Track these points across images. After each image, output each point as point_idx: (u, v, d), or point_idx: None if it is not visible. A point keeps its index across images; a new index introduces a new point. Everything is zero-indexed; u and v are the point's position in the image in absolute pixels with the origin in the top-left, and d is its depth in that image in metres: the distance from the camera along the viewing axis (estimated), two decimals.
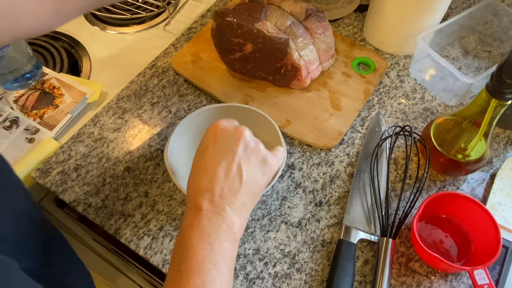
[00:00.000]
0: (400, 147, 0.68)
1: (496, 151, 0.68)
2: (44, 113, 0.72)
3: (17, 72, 0.72)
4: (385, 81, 0.75)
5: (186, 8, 0.88)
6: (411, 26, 0.73)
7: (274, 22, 0.67)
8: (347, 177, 0.65)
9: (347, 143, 0.68)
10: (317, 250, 0.59)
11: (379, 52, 0.79)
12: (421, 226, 0.60)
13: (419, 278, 0.57)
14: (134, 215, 0.62)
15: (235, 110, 0.63)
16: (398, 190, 0.64)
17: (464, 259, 0.57)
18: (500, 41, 0.78)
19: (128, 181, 0.65)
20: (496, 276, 0.57)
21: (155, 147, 0.68)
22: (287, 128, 0.68)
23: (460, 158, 0.61)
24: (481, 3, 0.75)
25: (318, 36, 0.69)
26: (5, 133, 0.70)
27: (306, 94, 0.72)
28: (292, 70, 0.68)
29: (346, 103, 0.71)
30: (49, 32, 0.79)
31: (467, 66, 0.77)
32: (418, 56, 0.74)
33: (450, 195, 0.58)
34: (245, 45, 0.68)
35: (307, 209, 0.62)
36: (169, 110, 0.72)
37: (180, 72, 0.75)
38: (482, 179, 0.65)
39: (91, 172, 0.66)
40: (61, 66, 0.79)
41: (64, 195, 0.64)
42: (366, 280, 0.57)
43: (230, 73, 0.75)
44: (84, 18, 0.87)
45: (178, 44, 0.81)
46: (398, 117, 0.71)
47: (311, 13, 0.70)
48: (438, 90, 0.74)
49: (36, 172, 0.66)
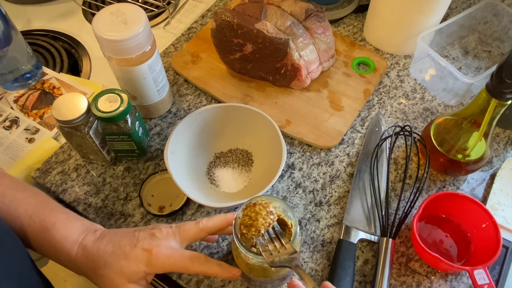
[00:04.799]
0: (400, 147, 0.68)
1: (496, 151, 0.68)
2: (44, 113, 0.72)
3: (17, 72, 0.72)
4: (385, 81, 0.75)
5: (186, 8, 0.88)
6: (411, 26, 0.73)
7: (274, 22, 0.67)
8: (347, 177, 0.65)
9: (347, 143, 0.68)
10: (317, 250, 0.59)
11: (379, 52, 0.79)
12: (421, 226, 0.60)
13: (419, 278, 0.57)
14: (134, 215, 0.62)
15: (235, 110, 0.63)
16: (398, 190, 0.64)
17: (464, 259, 0.57)
18: (500, 41, 0.78)
19: (128, 181, 0.65)
20: (496, 276, 0.57)
21: (155, 147, 0.68)
22: (287, 128, 0.68)
23: (460, 158, 0.61)
24: (481, 3, 0.75)
25: (318, 36, 0.69)
26: (5, 133, 0.70)
27: (306, 94, 0.72)
28: (292, 70, 0.68)
29: (346, 103, 0.71)
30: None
31: (467, 66, 0.77)
32: (418, 56, 0.74)
33: (450, 195, 0.58)
34: (245, 45, 0.68)
35: (307, 209, 0.62)
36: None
37: (180, 72, 0.75)
38: (482, 179, 0.65)
39: (91, 172, 0.66)
40: (61, 66, 0.79)
41: (64, 195, 0.64)
42: (366, 280, 0.57)
43: (230, 73, 0.75)
44: (84, 18, 0.87)
45: (178, 44, 0.81)
46: (398, 117, 0.71)
47: (311, 13, 0.70)
48: (438, 90, 0.74)
49: (36, 172, 0.66)
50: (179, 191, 0.57)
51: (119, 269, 0.46)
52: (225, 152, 0.67)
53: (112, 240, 0.48)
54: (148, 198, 0.63)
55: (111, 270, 0.46)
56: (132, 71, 0.61)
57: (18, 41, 0.70)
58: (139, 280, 0.47)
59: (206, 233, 0.50)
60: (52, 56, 0.81)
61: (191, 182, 0.60)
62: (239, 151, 0.66)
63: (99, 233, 0.50)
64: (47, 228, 0.48)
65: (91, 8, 0.88)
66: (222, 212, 0.62)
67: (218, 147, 0.66)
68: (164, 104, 0.70)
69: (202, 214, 0.62)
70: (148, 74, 0.62)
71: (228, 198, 0.62)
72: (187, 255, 0.48)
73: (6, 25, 0.67)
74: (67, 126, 0.57)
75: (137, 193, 0.63)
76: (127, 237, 0.48)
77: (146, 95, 0.66)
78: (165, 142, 0.68)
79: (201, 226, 0.49)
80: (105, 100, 0.57)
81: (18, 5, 0.89)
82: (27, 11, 0.88)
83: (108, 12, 0.58)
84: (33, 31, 0.85)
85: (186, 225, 0.50)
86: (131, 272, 0.46)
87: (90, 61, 0.80)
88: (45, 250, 0.49)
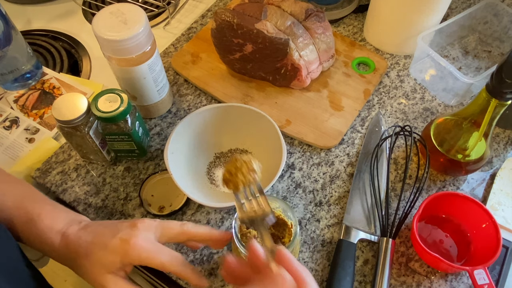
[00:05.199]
0: (400, 147, 0.68)
1: (496, 151, 0.68)
2: (44, 113, 0.72)
3: (17, 72, 0.72)
4: (385, 81, 0.75)
5: (186, 8, 0.88)
6: (411, 26, 0.73)
7: (274, 22, 0.67)
8: (347, 177, 0.65)
9: (347, 143, 0.68)
10: (317, 250, 0.59)
11: (379, 52, 0.79)
12: (421, 226, 0.60)
13: (419, 278, 0.57)
14: (134, 215, 0.62)
15: (235, 110, 0.63)
16: (398, 190, 0.64)
17: (464, 259, 0.57)
18: (500, 41, 0.78)
19: (128, 181, 0.65)
20: (496, 276, 0.57)
21: (155, 147, 0.68)
22: (287, 128, 0.68)
23: (460, 158, 0.61)
24: (481, 3, 0.75)
25: (318, 36, 0.69)
26: (5, 133, 0.70)
27: (306, 94, 0.72)
28: (292, 70, 0.68)
29: (346, 103, 0.71)
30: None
31: (467, 66, 0.77)
32: (418, 56, 0.74)
33: (450, 195, 0.58)
34: (245, 45, 0.68)
35: (307, 209, 0.62)
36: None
37: (180, 72, 0.75)
38: (482, 179, 0.65)
39: (91, 172, 0.66)
40: (61, 66, 0.79)
41: (64, 195, 0.64)
42: (366, 280, 0.57)
43: (230, 73, 0.75)
44: (84, 18, 0.87)
45: (178, 44, 0.81)
46: (398, 117, 0.71)
47: (311, 13, 0.70)
48: (438, 90, 0.74)
49: (36, 172, 0.66)
50: (179, 191, 0.57)
51: (98, 259, 0.46)
52: (225, 152, 0.67)
53: (94, 230, 0.48)
54: (148, 198, 0.63)
55: (90, 260, 0.46)
56: (132, 71, 0.61)
57: (18, 41, 0.70)
58: (117, 270, 0.46)
59: (186, 237, 0.49)
60: (52, 56, 0.81)
61: (191, 182, 0.60)
62: (239, 151, 0.66)
63: (83, 224, 0.50)
64: (33, 219, 0.49)
65: (91, 8, 0.88)
66: (222, 212, 0.62)
67: (218, 147, 0.66)
68: (164, 104, 0.70)
69: (202, 214, 0.62)
70: (148, 74, 0.62)
71: (228, 198, 0.62)
72: (165, 252, 0.47)
73: (6, 25, 0.67)
74: (67, 126, 0.57)
75: (137, 193, 0.63)
76: (109, 228, 0.48)
77: (146, 95, 0.66)
78: (165, 142, 0.68)
79: (184, 228, 0.49)
80: (105, 100, 0.57)
81: (18, 5, 0.89)
82: (27, 11, 0.88)
83: (108, 12, 0.58)
84: (33, 31, 0.85)
85: (171, 223, 0.49)
86: (108, 262, 0.46)
87: (90, 61, 0.80)
88: (31, 241, 0.49)
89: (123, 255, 0.46)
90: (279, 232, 0.53)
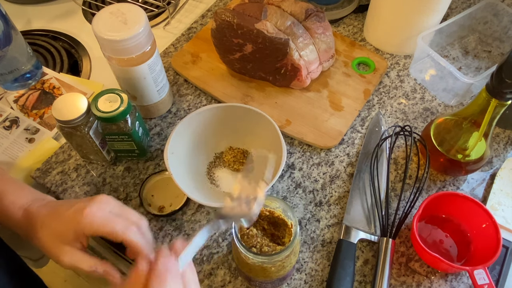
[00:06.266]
0: (400, 147, 0.68)
1: (496, 151, 0.68)
2: (44, 113, 0.72)
3: (17, 72, 0.72)
4: (385, 81, 0.75)
5: (186, 8, 0.88)
6: (411, 26, 0.73)
7: (274, 22, 0.67)
8: (347, 177, 0.65)
9: (347, 143, 0.68)
10: (317, 250, 0.59)
11: (379, 52, 0.79)
12: (421, 226, 0.60)
13: (419, 278, 0.57)
14: None
15: (235, 110, 0.63)
16: (398, 190, 0.64)
17: (464, 259, 0.57)
18: (500, 41, 0.78)
19: (128, 181, 0.65)
20: (496, 276, 0.57)
21: (155, 147, 0.68)
22: (287, 128, 0.68)
23: (460, 158, 0.61)
24: (481, 3, 0.75)
25: (318, 36, 0.69)
26: (5, 133, 0.70)
27: (306, 94, 0.72)
28: (292, 70, 0.68)
29: (346, 103, 0.71)
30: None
31: (467, 66, 0.77)
32: (418, 56, 0.74)
33: (450, 195, 0.58)
34: (245, 45, 0.68)
35: (307, 209, 0.62)
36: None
37: (180, 72, 0.75)
38: (482, 179, 0.65)
39: (91, 172, 0.66)
40: (61, 66, 0.79)
41: (64, 195, 0.64)
42: (366, 280, 0.57)
43: (230, 73, 0.75)
44: (84, 18, 0.87)
45: (178, 44, 0.81)
46: (398, 117, 0.71)
47: (311, 13, 0.70)
48: (438, 90, 0.74)
49: (36, 172, 0.66)
50: (179, 191, 0.57)
51: (52, 230, 0.47)
52: (225, 152, 0.67)
53: (54, 205, 0.49)
54: (148, 198, 0.63)
55: (45, 231, 0.47)
56: (132, 71, 0.61)
57: (18, 41, 0.70)
58: (72, 241, 0.46)
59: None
60: (52, 56, 0.81)
61: (191, 182, 0.60)
62: (239, 151, 0.66)
63: (46, 201, 0.51)
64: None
65: (91, 8, 0.88)
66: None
67: (218, 147, 0.67)
68: (164, 104, 0.70)
69: (202, 214, 0.62)
70: (148, 74, 0.62)
71: None
72: (119, 221, 0.46)
73: (6, 25, 0.67)
74: (67, 126, 0.57)
75: (137, 193, 0.63)
76: (69, 202, 0.48)
77: (146, 95, 0.66)
78: (165, 142, 0.68)
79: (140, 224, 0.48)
80: (105, 100, 0.57)
81: (18, 5, 0.89)
82: (27, 11, 0.88)
83: (108, 12, 0.58)
84: (33, 31, 0.85)
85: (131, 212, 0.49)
86: (61, 232, 0.46)
87: (90, 61, 0.80)
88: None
89: (75, 224, 0.45)
90: (279, 232, 0.53)
